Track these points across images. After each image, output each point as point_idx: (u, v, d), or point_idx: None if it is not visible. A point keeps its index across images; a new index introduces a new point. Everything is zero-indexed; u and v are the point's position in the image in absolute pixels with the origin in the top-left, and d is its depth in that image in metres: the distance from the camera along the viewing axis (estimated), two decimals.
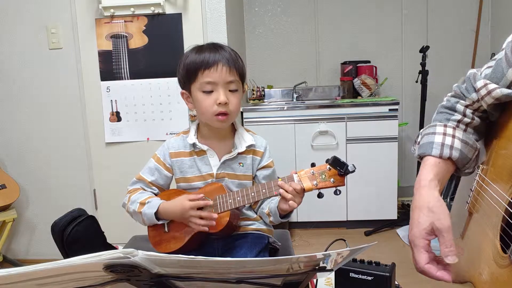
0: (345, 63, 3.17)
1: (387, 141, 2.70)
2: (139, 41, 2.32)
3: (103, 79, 2.36)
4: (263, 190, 1.06)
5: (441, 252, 0.74)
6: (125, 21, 2.31)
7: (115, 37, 2.33)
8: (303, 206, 1.08)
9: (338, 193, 1.02)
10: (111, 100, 2.37)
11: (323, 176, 1.01)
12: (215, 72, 1.09)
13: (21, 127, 2.46)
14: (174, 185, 1.24)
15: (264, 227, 1.23)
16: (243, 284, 0.64)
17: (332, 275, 1.04)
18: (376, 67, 3.12)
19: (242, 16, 3.27)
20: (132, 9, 2.26)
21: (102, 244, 1.68)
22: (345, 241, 1.19)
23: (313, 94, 3.31)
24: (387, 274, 0.88)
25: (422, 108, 2.77)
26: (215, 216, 1.08)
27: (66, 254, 1.56)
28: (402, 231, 2.68)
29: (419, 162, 0.88)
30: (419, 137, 0.91)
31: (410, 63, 3.16)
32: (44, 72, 2.40)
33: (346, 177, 1.02)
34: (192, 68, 1.11)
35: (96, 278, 0.59)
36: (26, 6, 2.35)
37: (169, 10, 2.29)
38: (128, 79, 2.35)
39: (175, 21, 2.29)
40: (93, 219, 1.68)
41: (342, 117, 2.71)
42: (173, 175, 1.22)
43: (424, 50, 2.69)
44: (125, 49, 2.33)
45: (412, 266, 0.80)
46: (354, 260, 1.02)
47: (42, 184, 2.50)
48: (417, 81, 2.77)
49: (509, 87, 0.79)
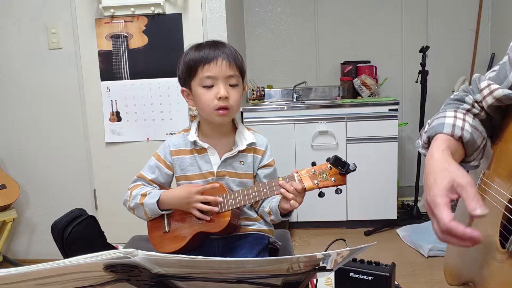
0: (345, 63, 3.17)
1: (387, 141, 2.70)
2: (139, 41, 2.32)
3: (103, 79, 2.36)
4: (264, 190, 1.06)
5: (467, 207, 0.67)
6: (125, 21, 2.31)
7: (115, 37, 2.33)
8: (303, 206, 1.07)
9: (339, 192, 1.02)
10: (111, 100, 2.37)
11: (324, 175, 1.01)
12: (215, 66, 1.08)
13: (21, 127, 2.46)
14: (174, 184, 1.23)
15: (265, 228, 1.23)
16: (243, 284, 0.64)
17: (332, 275, 1.04)
18: (376, 67, 3.12)
19: (242, 16, 3.27)
20: (132, 9, 2.26)
21: (102, 244, 1.68)
22: (345, 241, 1.19)
23: (313, 94, 3.31)
24: (387, 274, 0.88)
25: (422, 108, 2.77)
26: (220, 200, 1.08)
27: (66, 254, 1.56)
28: (402, 231, 2.67)
29: (419, 162, 0.88)
30: (426, 126, 0.89)
31: (410, 63, 3.15)
32: (44, 72, 2.40)
33: (347, 176, 1.02)
34: (192, 64, 1.11)
35: (96, 278, 0.59)
36: (26, 6, 2.35)
37: (169, 10, 2.29)
38: (128, 79, 2.35)
39: (175, 21, 2.29)
40: (93, 219, 1.68)
41: (342, 117, 2.71)
42: (173, 173, 1.21)
43: (424, 50, 2.68)
44: (125, 49, 2.33)
45: (412, 266, 0.80)
46: (354, 260, 1.02)
47: (42, 184, 2.50)
48: (417, 81, 2.77)
49: (510, 88, 0.80)
